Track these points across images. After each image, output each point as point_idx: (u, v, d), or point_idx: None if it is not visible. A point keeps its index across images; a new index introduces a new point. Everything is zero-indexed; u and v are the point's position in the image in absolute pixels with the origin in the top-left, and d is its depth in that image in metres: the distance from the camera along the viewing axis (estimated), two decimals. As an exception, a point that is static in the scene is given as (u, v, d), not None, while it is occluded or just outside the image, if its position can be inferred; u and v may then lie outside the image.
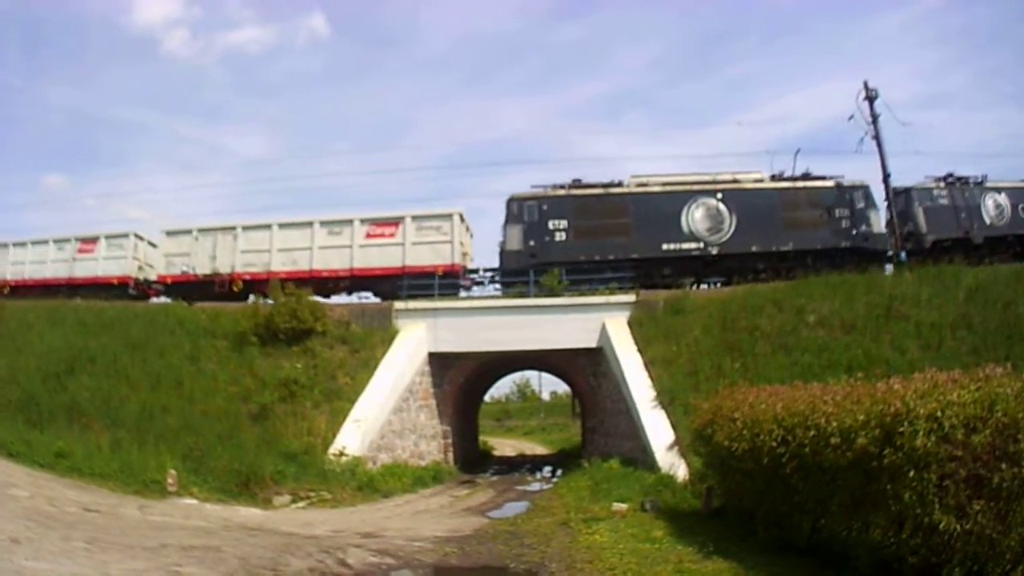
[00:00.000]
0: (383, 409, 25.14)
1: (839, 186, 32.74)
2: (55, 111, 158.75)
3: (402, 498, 21.54)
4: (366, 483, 21.54)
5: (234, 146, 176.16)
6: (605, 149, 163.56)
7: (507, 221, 32.94)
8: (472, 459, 36.13)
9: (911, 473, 7.76)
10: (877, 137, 34.19)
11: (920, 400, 8.07)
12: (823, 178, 33.19)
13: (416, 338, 28.50)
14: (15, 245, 39.25)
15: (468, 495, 23.30)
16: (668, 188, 32.46)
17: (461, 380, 31.02)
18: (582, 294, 30.73)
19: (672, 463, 20.00)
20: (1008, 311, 24.33)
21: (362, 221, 33.48)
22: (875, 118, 34.46)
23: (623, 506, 16.94)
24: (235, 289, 33.51)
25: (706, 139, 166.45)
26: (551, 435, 64.23)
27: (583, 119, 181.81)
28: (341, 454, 21.95)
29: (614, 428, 27.06)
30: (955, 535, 7.48)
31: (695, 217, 31.62)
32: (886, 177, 32.95)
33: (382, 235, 33.00)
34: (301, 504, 19.40)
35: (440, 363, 30.07)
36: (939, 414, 7.72)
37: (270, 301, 29.01)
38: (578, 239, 31.91)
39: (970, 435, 7.49)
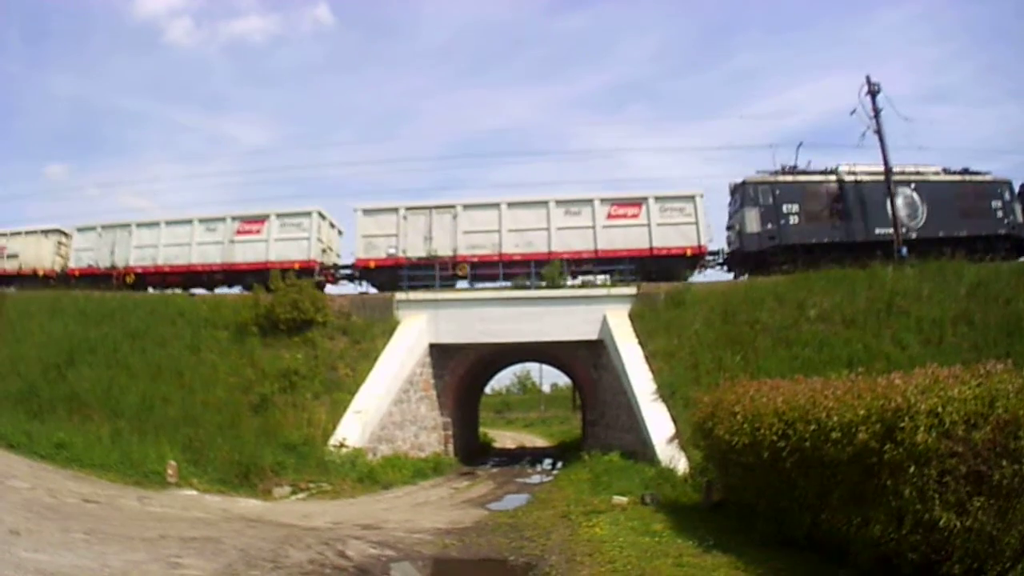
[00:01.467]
0: (383, 400, 25.20)
1: (993, 180, 33.41)
2: (57, 100, 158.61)
3: (402, 490, 21.57)
4: (366, 474, 21.55)
5: (236, 135, 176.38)
6: (608, 141, 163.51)
7: (742, 204, 32.90)
8: (472, 451, 36.22)
9: (911, 469, 7.74)
10: (879, 131, 34.10)
11: (921, 395, 8.04)
12: (980, 173, 33.82)
13: (417, 329, 28.58)
14: (140, 226, 36.54)
15: (468, 487, 23.30)
16: (875, 177, 32.77)
17: (462, 372, 31.03)
18: (583, 286, 30.77)
19: (672, 456, 19.98)
20: (1009, 307, 24.37)
21: (602, 201, 32.95)
22: (877, 112, 34.36)
23: (623, 499, 16.97)
24: (460, 273, 32.67)
25: (708, 132, 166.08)
26: (551, 427, 64.26)
27: (586, 110, 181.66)
28: (341, 445, 21.99)
29: (614, 421, 27.08)
30: (955, 532, 7.45)
31: (897, 204, 31.96)
32: (888, 172, 32.88)
33: (624, 216, 32.63)
34: (301, 495, 19.40)
35: (441, 354, 30.12)
36: (940, 410, 7.69)
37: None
38: (808, 222, 32.16)
39: (971, 431, 7.47)
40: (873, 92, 34.40)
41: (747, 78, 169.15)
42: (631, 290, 29.30)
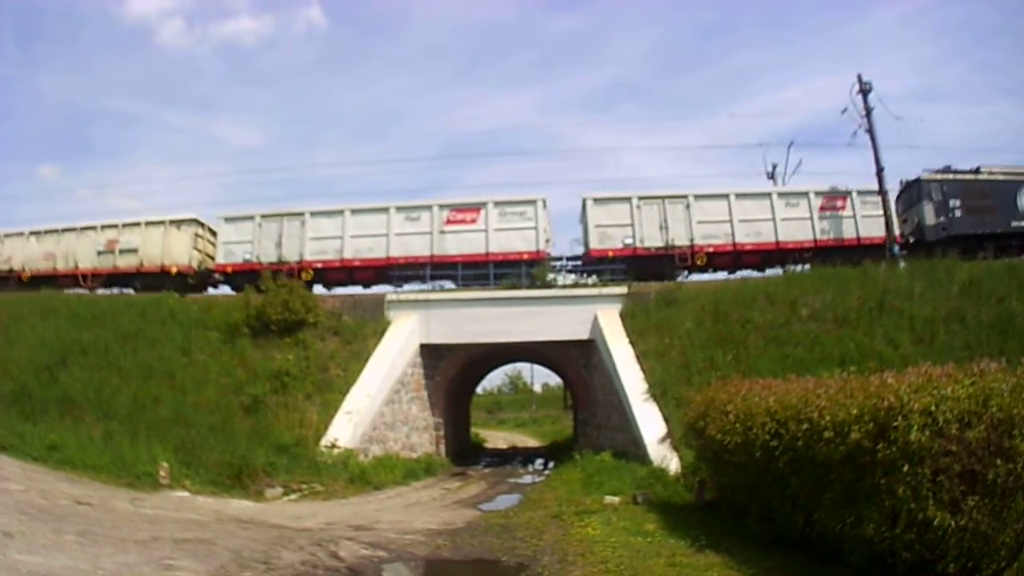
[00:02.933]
0: (375, 401, 25.15)
1: None
2: (49, 102, 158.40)
3: (394, 490, 21.55)
4: (358, 475, 21.52)
5: (227, 136, 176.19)
6: (599, 140, 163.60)
7: (919, 199, 33.57)
8: (464, 451, 36.25)
9: (905, 468, 7.73)
10: (871, 130, 34.35)
11: (914, 394, 8.03)
12: None
13: (408, 329, 28.57)
14: (316, 214, 34.51)
15: (460, 487, 23.31)
16: (1009, 176, 33.96)
17: (453, 372, 31.01)
18: (574, 286, 30.80)
19: (664, 456, 20.04)
20: (1001, 306, 24.43)
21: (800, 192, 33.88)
22: (869, 111, 34.61)
23: (615, 499, 17.01)
24: (699, 263, 32.53)
25: (700, 131, 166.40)
26: (543, 427, 64.29)
27: (577, 110, 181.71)
28: (333, 446, 21.96)
29: (606, 421, 27.08)
30: (949, 531, 7.45)
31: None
32: (879, 171, 33.04)
33: (833, 208, 33.67)
34: (293, 496, 19.37)
35: (432, 355, 30.10)
36: (933, 408, 7.69)
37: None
38: (967, 215, 32.95)
39: (964, 430, 7.47)
40: (864, 91, 34.69)
41: (738, 77, 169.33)
42: (622, 289, 29.34)
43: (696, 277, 32.83)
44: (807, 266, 31.46)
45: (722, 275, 32.71)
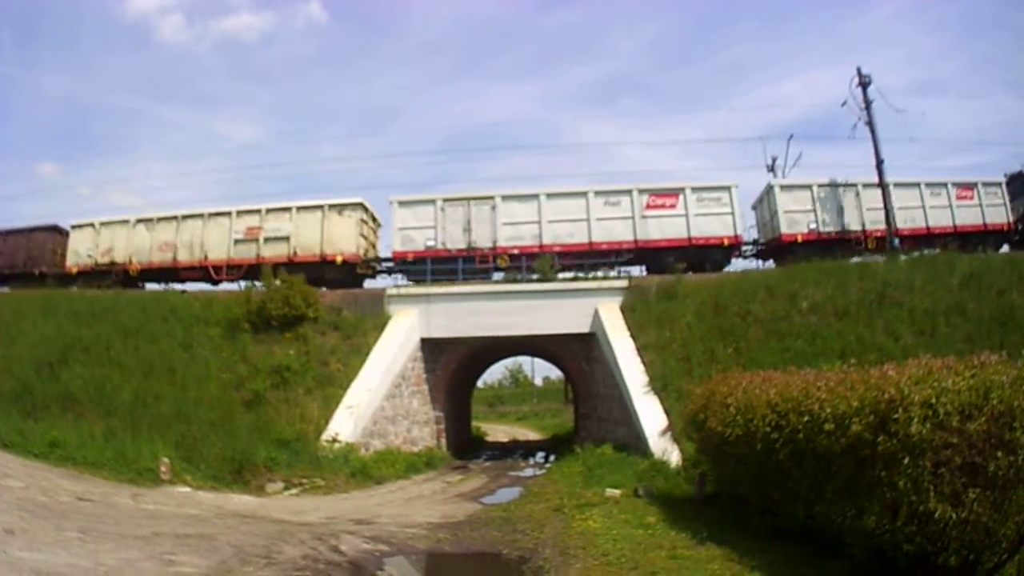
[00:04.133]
0: (375, 395, 25.15)
1: None
2: (49, 99, 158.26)
3: (395, 484, 21.54)
4: (359, 469, 21.51)
5: (228, 132, 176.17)
6: (598, 134, 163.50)
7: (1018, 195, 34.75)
8: (465, 445, 36.28)
9: (906, 460, 7.72)
10: (870, 123, 34.30)
11: (915, 386, 8.01)
12: None
13: (408, 324, 28.62)
14: (507, 199, 33.27)
15: (461, 481, 23.33)
16: None
17: (454, 366, 31.02)
18: (575, 279, 30.77)
19: (665, 449, 20.02)
20: (1002, 298, 24.48)
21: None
22: (868, 104, 34.58)
23: (616, 492, 17.01)
24: (870, 247, 32.62)
25: (700, 124, 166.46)
26: (544, 420, 64.39)
27: (577, 104, 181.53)
28: (334, 440, 21.95)
29: (607, 414, 27.09)
30: (950, 523, 7.45)
31: None
32: (879, 163, 33.00)
33: (965, 197, 34.26)
34: (294, 491, 19.38)
35: (433, 349, 30.15)
36: (934, 401, 7.68)
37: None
38: None
39: (965, 422, 7.47)
40: (864, 84, 34.66)
41: (738, 70, 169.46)
42: (623, 283, 29.43)
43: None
44: None
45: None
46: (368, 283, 34.45)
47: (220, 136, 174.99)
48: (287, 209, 34.33)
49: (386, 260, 34.24)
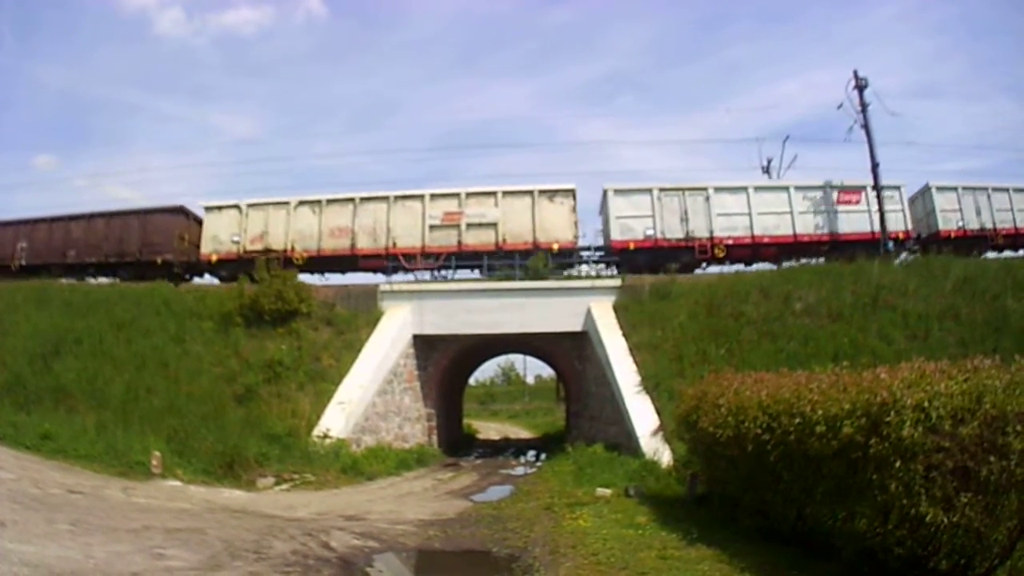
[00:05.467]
0: (367, 391, 25.12)
1: None
2: (46, 91, 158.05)
3: (386, 481, 21.52)
4: (350, 465, 21.49)
5: (224, 126, 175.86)
6: (594, 133, 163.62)
7: None
8: (456, 442, 36.29)
9: (897, 463, 7.73)
10: (866, 126, 34.28)
11: (907, 390, 8.02)
12: None
13: (401, 320, 28.54)
14: (719, 190, 33.01)
15: (452, 478, 23.32)
16: None
17: (446, 363, 31.05)
18: (568, 278, 30.78)
19: (656, 449, 20.05)
20: (996, 303, 24.60)
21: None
22: (864, 107, 34.55)
23: (607, 491, 17.03)
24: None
25: (697, 124, 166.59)
26: (535, 419, 64.45)
27: (573, 102, 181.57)
28: (325, 436, 21.91)
29: (598, 413, 27.11)
30: (942, 527, 7.47)
31: None
32: (875, 166, 33.02)
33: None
34: (285, 486, 19.35)
35: (425, 345, 30.19)
36: (926, 404, 7.68)
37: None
38: None
39: (958, 426, 7.47)
40: (860, 87, 34.64)
41: (736, 71, 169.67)
42: (616, 282, 29.46)
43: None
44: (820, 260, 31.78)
45: (715, 269, 32.75)
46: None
47: (217, 130, 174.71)
48: (491, 193, 33.37)
49: (598, 249, 33.79)
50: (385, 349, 26.89)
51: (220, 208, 34.94)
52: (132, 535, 11.39)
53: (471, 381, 57.95)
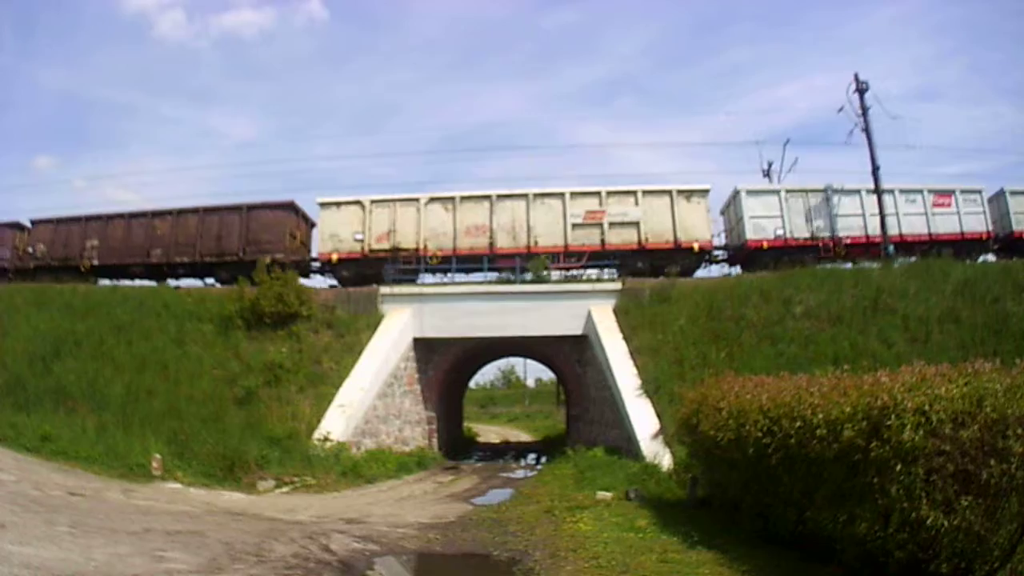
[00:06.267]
0: (367, 394, 25.12)
1: None
2: (46, 93, 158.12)
3: (386, 484, 21.53)
4: (350, 468, 21.51)
5: (224, 128, 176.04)
6: (594, 136, 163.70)
7: None
8: (456, 445, 36.18)
9: (898, 467, 7.72)
10: (867, 129, 34.35)
11: (908, 393, 8.02)
12: None
13: (401, 323, 28.53)
14: (836, 191, 33.49)
15: (452, 481, 23.30)
16: None
17: (446, 366, 31.01)
18: (568, 281, 30.77)
19: (657, 452, 20.05)
20: (996, 306, 24.58)
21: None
22: (865, 110, 34.59)
23: (607, 495, 17.02)
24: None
25: (697, 127, 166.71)
26: (536, 422, 64.31)
27: (573, 105, 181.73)
28: (325, 439, 21.91)
29: (599, 416, 27.09)
30: (942, 531, 7.46)
31: None
32: (875, 170, 33.05)
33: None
34: (285, 489, 19.38)
35: (425, 349, 30.13)
36: (927, 408, 7.69)
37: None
38: None
39: (958, 430, 7.46)
40: (861, 90, 34.70)
41: (736, 74, 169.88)
42: (616, 285, 29.39)
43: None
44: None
45: (716, 271, 32.80)
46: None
47: (217, 132, 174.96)
48: (631, 193, 32.91)
49: (725, 248, 34.41)
50: (385, 352, 26.89)
51: (339, 204, 33.72)
52: (132, 537, 11.39)
53: (471, 384, 57.96)
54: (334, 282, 33.22)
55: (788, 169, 44.02)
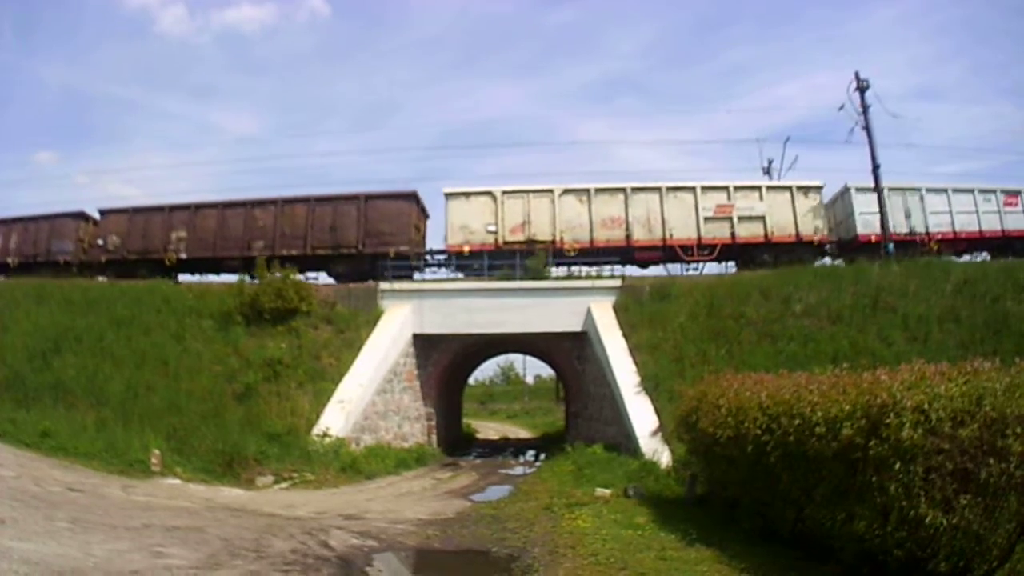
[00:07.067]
0: (367, 390, 25.08)
1: None
2: (47, 88, 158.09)
3: (385, 480, 21.54)
4: (349, 464, 21.48)
5: (225, 124, 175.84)
6: (595, 133, 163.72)
7: None
8: (455, 442, 36.24)
9: (897, 465, 7.74)
10: (867, 128, 34.34)
11: (907, 392, 8.04)
12: None
13: (401, 319, 28.47)
14: (929, 191, 34.54)
15: (451, 478, 23.32)
16: None
17: (445, 362, 30.99)
18: (568, 277, 30.78)
19: (656, 449, 20.06)
20: (996, 305, 24.61)
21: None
22: (865, 109, 34.59)
23: (606, 492, 17.01)
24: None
25: (697, 125, 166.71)
26: (535, 419, 64.37)
27: (574, 103, 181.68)
28: (324, 435, 21.89)
29: (598, 413, 27.11)
30: (941, 529, 7.48)
31: None
32: (875, 168, 33.05)
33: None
34: (284, 485, 19.36)
35: (425, 345, 30.11)
36: (926, 406, 7.70)
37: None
38: None
39: (957, 428, 7.47)
40: (862, 88, 34.70)
41: (737, 72, 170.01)
42: (616, 282, 29.44)
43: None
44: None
45: (715, 269, 32.81)
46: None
47: (217, 128, 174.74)
48: (756, 188, 33.70)
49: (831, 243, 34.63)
50: (385, 348, 26.86)
51: (467, 195, 33.40)
52: (132, 533, 11.39)
53: (470, 381, 57.84)
54: (460, 275, 32.92)
55: (789, 167, 43.88)
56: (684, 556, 10.64)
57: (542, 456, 31.07)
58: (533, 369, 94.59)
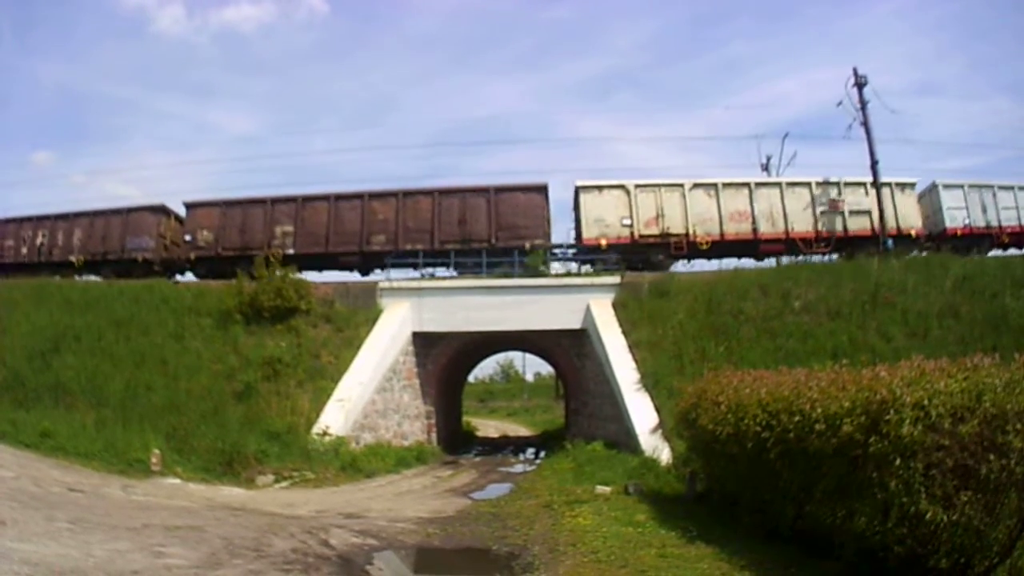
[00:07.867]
0: (366, 389, 25.07)
1: None
2: (45, 88, 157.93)
3: (385, 478, 21.53)
4: (349, 463, 21.48)
5: (223, 123, 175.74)
6: (593, 129, 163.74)
7: None
8: (455, 440, 36.23)
9: (897, 461, 7.71)
10: (866, 124, 34.39)
11: (907, 388, 8.01)
12: None
13: (400, 317, 28.47)
14: (1002, 188, 35.14)
15: (451, 476, 23.31)
16: None
17: (445, 360, 31.00)
18: (567, 275, 30.79)
19: (656, 446, 20.04)
20: (995, 301, 24.63)
21: None
22: (864, 105, 34.64)
23: (606, 489, 17.00)
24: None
25: (696, 121, 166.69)
26: (534, 416, 64.40)
27: (572, 99, 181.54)
28: (324, 434, 21.88)
29: (598, 410, 27.06)
30: (941, 525, 7.46)
31: None
32: (874, 164, 33.09)
33: None
34: (284, 484, 19.35)
35: (424, 343, 30.09)
36: (926, 403, 7.68)
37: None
38: None
39: (957, 425, 7.44)
40: (860, 84, 34.75)
41: (735, 68, 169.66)
42: (615, 279, 29.36)
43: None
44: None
45: (714, 266, 32.83)
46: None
47: (215, 127, 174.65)
48: (861, 184, 33.95)
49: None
50: (384, 346, 26.86)
51: (600, 188, 33.21)
52: (132, 533, 11.37)
53: (470, 379, 57.82)
54: (589, 268, 32.81)
55: (787, 163, 43.89)
56: (684, 553, 10.63)
57: (542, 454, 31.15)
58: (533, 367, 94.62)
